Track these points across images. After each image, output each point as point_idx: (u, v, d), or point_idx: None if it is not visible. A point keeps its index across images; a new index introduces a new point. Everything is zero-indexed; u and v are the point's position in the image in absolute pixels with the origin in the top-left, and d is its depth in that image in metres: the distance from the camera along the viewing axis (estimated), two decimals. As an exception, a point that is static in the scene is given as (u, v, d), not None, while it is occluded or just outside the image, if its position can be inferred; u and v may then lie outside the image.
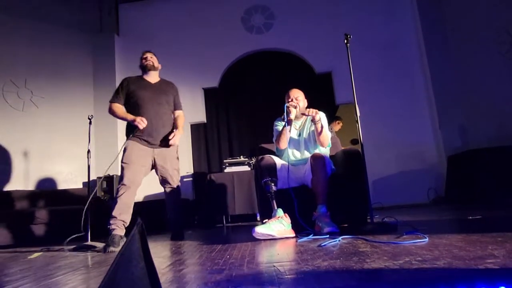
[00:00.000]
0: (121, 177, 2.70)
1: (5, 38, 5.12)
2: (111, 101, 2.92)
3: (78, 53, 5.75)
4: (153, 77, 3.10)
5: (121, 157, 2.78)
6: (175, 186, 2.97)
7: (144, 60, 3.10)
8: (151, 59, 3.12)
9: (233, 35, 6.16)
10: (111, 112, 2.90)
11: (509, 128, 4.88)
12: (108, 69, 5.75)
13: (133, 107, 2.88)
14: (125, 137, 2.89)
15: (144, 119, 2.76)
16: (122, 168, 2.71)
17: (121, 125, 5.64)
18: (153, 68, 3.09)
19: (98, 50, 5.90)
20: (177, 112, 3.15)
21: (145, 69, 3.08)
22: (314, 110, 2.60)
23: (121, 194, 2.63)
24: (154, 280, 0.58)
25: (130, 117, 2.80)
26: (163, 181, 2.96)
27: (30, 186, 4.93)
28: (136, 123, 2.73)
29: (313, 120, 2.63)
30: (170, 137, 2.92)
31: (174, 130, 2.98)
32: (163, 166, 2.91)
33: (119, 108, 2.90)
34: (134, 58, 6.09)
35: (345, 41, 2.51)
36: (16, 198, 4.30)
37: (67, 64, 5.61)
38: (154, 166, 2.92)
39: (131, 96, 2.91)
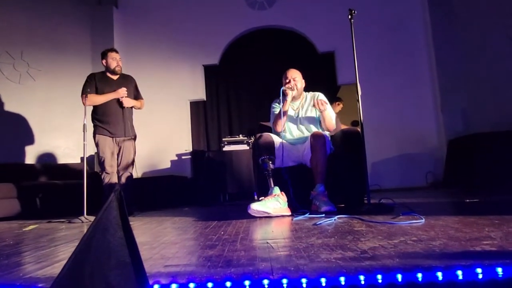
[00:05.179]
0: (103, 167, 3.29)
1: (0, 8, 4.98)
2: (87, 93, 3.21)
3: (75, 25, 5.60)
4: (115, 75, 3.46)
5: (97, 151, 3.36)
6: (130, 171, 3.43)
7: (115, 63, 3.39)
8: (120, 62, 3.44)
9: (235, 10, 5.99)
10: (91, 102, 3.25)
11: (511, 113, 4.81)
12: (107, 42, 5.59)
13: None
14: (92, 123, 3.36)
15: (123, 89, 3.30)
16: (102, 161, 3.28)
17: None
18: (121, 71, 3.47)
19: (96, 23, 5.75)
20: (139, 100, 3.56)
21: (114, 72, 3.41)
22: (323, 102, 2.58)
23: (108, 181, 3.25)
24: (133, 250, 0.55)
25: (111, 95, 3.29)
26: (121, 166, 3.37)
27: (28, 160, 4.91)
28: (120, 96, 3.27)
29: (320, 111, 2.64)
30: (124, 99, 3.34)
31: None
32: (124, 154, 3.37)
33: (95, 95, 3.29)
34: (133, 31, 6.00)
35: (349, 16, 2.42)
36: (13, 171, 4.28)
37: (65, 36, 5.48)
38: (117, 152, 3.38)
39: (97, 92, 3.33)
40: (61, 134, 5.19)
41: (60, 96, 5.26)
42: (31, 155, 4.95)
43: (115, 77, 3.43)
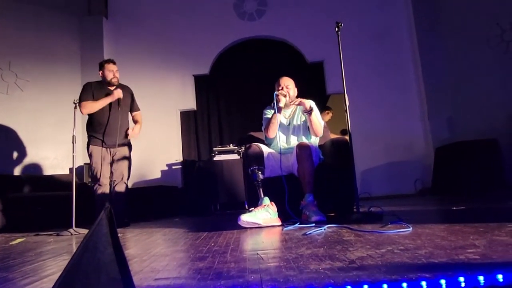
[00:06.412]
0: (96, 178, 3.22)
1: (-12, 18, 4.95)
2: (84, 100, 3.21)
3: (65, 36, 5.59)
4: (112, 85, 3.43)
5: (90, 161, 3.28)
6: (125, 181, 3.38)
7: (112, 75, 3.36)
8: (117, 74, 3.41)
9: (225, 21, 6.05)
10: (88, 109, 3.24)
11: (496, 121, 4.94)
12: (96, 52, 5.60)
13: (95, 112, 3.29)
14: (86, 134, 3.36)
15: (119, 90, 3.28)
16: (95, 171, 3.22)
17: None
18: (117, 83, 3.42)
19: (86, 33, 5.74)
20: (135, 113, 3.58)
21: (110, 84, 3.38)
22: (308, 101, 2.60)
23: (101, 192, 3.18)
24: (123, 267, 0.56)
25: (107, 99, 3.24)
26: (116, 177, 3.31)
27: (15, 171, 4.83)
28: (115, 98, 3.25)
29: (306, 112, 2.63)
30: (129, 132, 3.38)
31: (134, 126, 3.48)
32: (119, 164, 3.32)
33: (91, 102, 3.26)
34: (123, 42, 6.01)
35: (336, 29, 2.47)
36: (0, 183, 4.21)
37: (54, 47, 5.46)
38: (111, 163, 3.33)
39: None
40: (50, 145, 5.14)
41: (49, 107, 5.22)
42: (18, 166, 4.87)
43: (111, 87, 3.43)
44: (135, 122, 3.55)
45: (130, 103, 3.52)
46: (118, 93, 3.27)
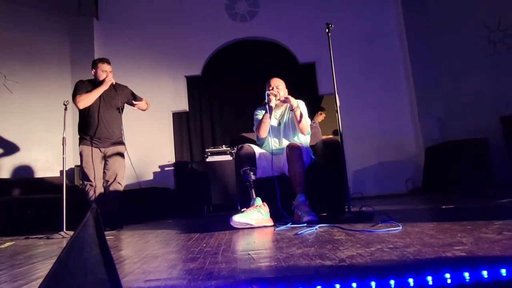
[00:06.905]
0: (87, 179, 3.10)
1: (-24, 19, 4.88)
2: (79, 94, 3.08)
3: (54, 37, 5.53)
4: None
5: (80, 162, 3.16)
6: (119, 182, 3.25)
7: (105, 75, 3.22)
8: (110, 75, 3.26)
9: (217, 22, 6.05)
10: (84, 101, 3.09)
11: (485, 121, 5.02)
12: (87, 54, 5.55)
13: (85, 111, 3.18)
14: (78, 133, 3.22)
15: (110, 77, 3.19)
16: (85, 172, 3.10)
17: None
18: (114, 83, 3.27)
19: (76, 35, 5.69)
20: (139, 102, 3.46)
21: (102, 83, 3.20)
22: (291, 97, 2.63)
23: (93, 193, 3.09)
24: (110, 267, 0.56)
25: (101, 87, 3.13)
26: (109, 177, 3.20)
27: (5, 174, 4.77)
28: (108, 84, 3.15)
29: (291, 108, 2.65)
30: (136, 102, 3.36)
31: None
32: (111, 164, 3.21)
33: (85, 94, 3.12)
34: (114, 43, 5.97)
35: (327, 30, 2.49)
36: (-11, 186, 4.17)
37: (43, 48, 5.40)
38: (104, 163, 3.22)
39: None
40: (40, 147, 5.08)
41: (39, 109, 5.16)
42: (7, 169, 4.81)
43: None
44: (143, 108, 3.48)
45: (132, 100, 3.40)
46: (110, 80, 3.16)
